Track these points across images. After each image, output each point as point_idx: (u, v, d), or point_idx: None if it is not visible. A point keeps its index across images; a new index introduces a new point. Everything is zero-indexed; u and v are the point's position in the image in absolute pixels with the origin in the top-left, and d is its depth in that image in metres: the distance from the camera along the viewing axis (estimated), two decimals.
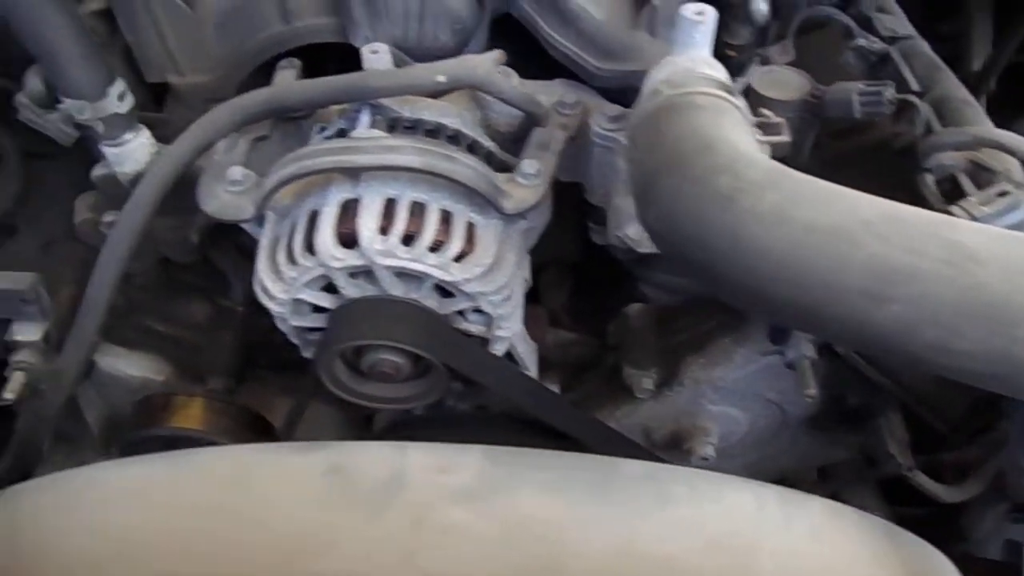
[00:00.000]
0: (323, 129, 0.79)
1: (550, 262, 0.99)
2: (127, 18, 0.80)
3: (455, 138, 0.74)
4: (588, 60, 0.80)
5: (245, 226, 0.74)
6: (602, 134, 0.75)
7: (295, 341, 0.77)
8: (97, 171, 0.80)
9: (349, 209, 0.67)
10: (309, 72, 0.83)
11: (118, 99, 0.73)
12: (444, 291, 0.71)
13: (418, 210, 0.67)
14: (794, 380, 0.82)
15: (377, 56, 0.78)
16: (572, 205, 0.84)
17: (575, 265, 1.00)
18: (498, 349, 0.76)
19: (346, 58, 0.83)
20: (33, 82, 0.75)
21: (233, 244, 0.93)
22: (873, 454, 0.88)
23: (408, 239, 0.66)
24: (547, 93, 0.79)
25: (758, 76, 0.78)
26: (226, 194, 0.72)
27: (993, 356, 0.45)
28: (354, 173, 0.68)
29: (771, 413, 0.89)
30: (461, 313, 0.72)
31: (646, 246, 0.77)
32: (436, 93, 0.75)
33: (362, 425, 0.95)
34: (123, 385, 0.87)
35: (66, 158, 0.88)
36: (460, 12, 0.85)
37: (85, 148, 0.83)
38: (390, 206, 0.67)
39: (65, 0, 0.66)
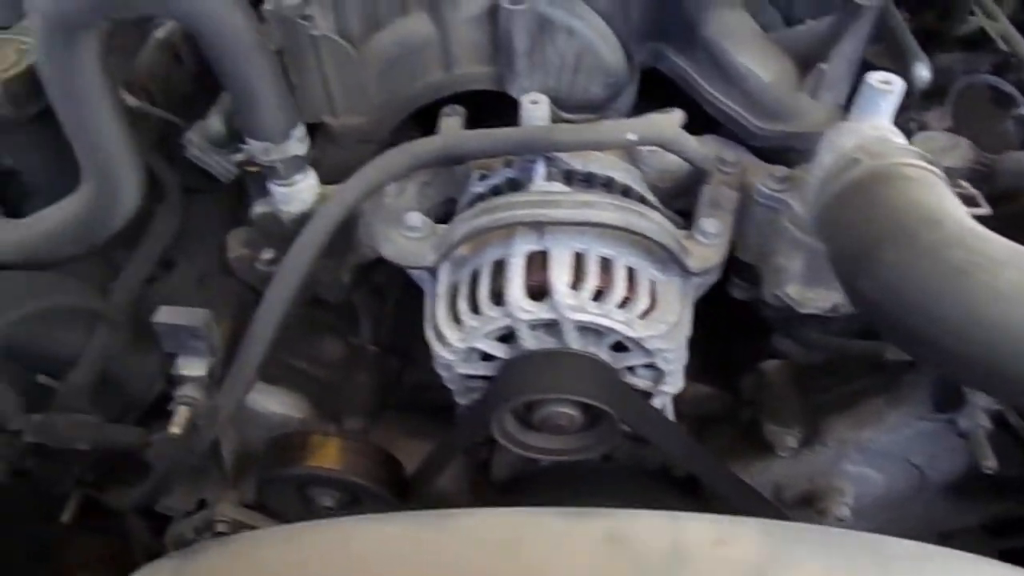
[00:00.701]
0: (484, 177, 0.80)
1: None
2: (296, 60, 0.81)
3: (626, 192, 0.75)
4: (749, 119, 0.81)
5: (413, 272, 0.75)
6: (767, 194, 0.76)
7: (453, 388, 0.77)
8: (258, 209, 0.81)
9: (534, 261, 0.68)
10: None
11: (299, 142, 0.74)
12: (618, 345, 0.71)
13: (606, 265, 0.68)
14: (943, 446, 0.81)
15: (537, 106, 0.79)
16: None
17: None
18: (658, 403, 0.76)
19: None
20: (214, 123, 0.76)
21: (368, 284, 0.94)
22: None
23: (597, 295, 0.66)
24: (699, 148, 0.80)
25: (921, 142, 0.78)
26: (403, 239, 0.72)
27: None
28: (541, 226, 0.68)
29: (911, 476, 0.88)
30: (631, 368, 0.72)
31: (808, 307, 0.77)
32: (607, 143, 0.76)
33: (480, 470, 0.95)
34: (263, 422, 0.87)
35: (216, 193, 0.90)
36: (614, 67, 0.86)
37: (237, 184, 0.84)
38: (578, 260, 0.67)
39: (268, 47, 0.68)
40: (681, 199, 0.81)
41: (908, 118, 0.84)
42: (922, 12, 0.95)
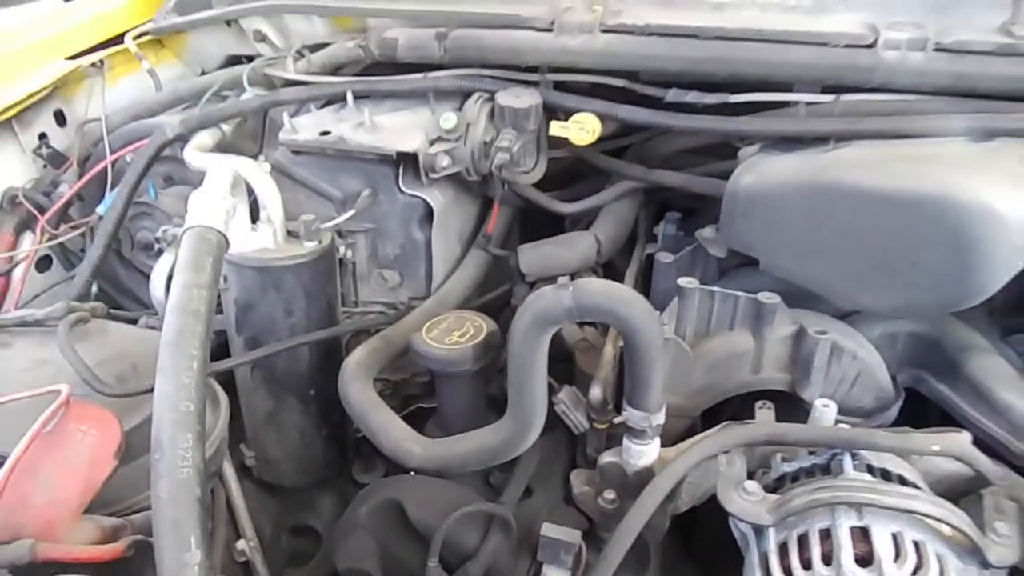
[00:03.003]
0: (786, 460, 1.02)
1: None
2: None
3: (919, 489, 0.94)
4: (1014, 443, 1.00)
5: (736, 523, 0.95)
6: None
7: None
8: (607, 458, 1.06)
9: (855, 534, 0.87)
10: None
11: (663, 415, 1.00)
12: None
13: (919, 548, 0.85)
14: None
15: (827, 409, 1.03)
16: None
17: None
18: None
19: None
20: (595, 394, 1.05)
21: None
22: None
23: (915, 572, 0.83)
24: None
25: None
26: (743, 501, 0.94)
27: None
28: (860, 507, 0.88)
29: None
30: None
31: None
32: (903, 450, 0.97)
33: None
34: None
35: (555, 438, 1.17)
36: (885, 386, 1.11)
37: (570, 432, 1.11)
38: (898, 541, 0.85)
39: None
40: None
41: None
42: None
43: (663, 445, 1.05)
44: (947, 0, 1.05)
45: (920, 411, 1.13)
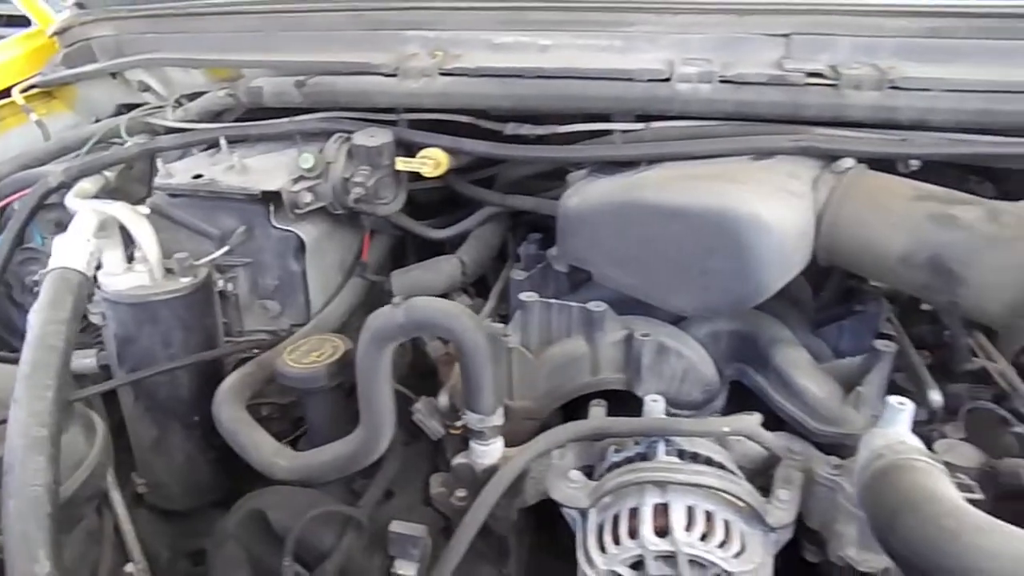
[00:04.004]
0: (618, 450, 1.14)
1: None
2: (496, 360, 1.22)
3: (722, 467, 1.06)
4: (809, 422, 1.14)
5: (566, 509, 1.06)
6: (826, 478, 1.05)
7: None
8: (459, 460, 1.16)
9: (658, 510, 0.98)
10: None
11: (500, 416, 1.11)
12: None
13: (709, 517, 0.97)
14: None
15: (657, 404, 1.15)
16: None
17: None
18: None
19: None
20: (442, 399, 1.16)
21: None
22: None
23: (703, 537, 0.95)
24: (776, 442, 1.12)
25: (943, 448, 1.08)
26: (568, 489, 1.05)
27: None
28: (664, 485, 1.00)
29: None
30: None
31: (865, 566, 1.01)
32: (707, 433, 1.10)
33: None
34: None
35: (419, 446, 1.27)
36: (711, 379, 1.24)
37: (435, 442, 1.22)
38: (691, 513, 0.97)
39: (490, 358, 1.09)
40: (759, 478, 1.12)
41: (932, 428, 1.14)
42: (941, 350, 1.30)
43: (517, 445, 1.16)
44: (734, 39, 1.20)
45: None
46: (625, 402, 1.21)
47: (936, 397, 1.13)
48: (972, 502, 0.90)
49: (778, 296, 1.22)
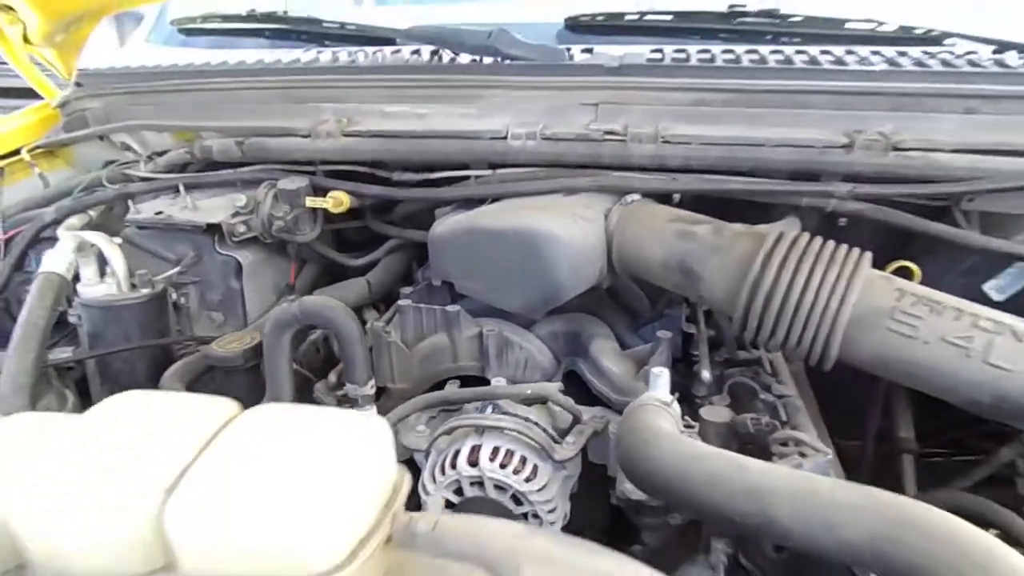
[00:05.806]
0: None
1: (585, 527, 1.55)
2: (378, 351, 1.57)
3: (528, 420, 1.40)
4: (611, 395, 1.48)
5: (418, 454, 1.40)
6: (613, 431, 1.40)
7: None
8: None
9: (474, 450, 1.32)
10: None
11: (371, 388, 1.46)
12: (515, 498, 1.30)
13: (510, 453, 1.31)
14: None
15: (499, 382, 1.50)
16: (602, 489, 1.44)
17: (603, 529, 1.56)
18: None
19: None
20: (332, 378, 1.51)
21: None
22: None
23: (503, 467, 1.29)
24: (588, 411, 1.47)
25: (706, 410, 1.42)
26: (413, 436, 1.39)
27: None
28: (480, 431, 1.34)
29: None
30: (525, 515, 1.30)
31: (635, 495, 1.34)
32: (528, 400, 1.44)
33: None
34: None
35: None
36: (546, 366, 1.59)
37: None
38: (496, 450, 1.31)
39: (366, 343, 1.44)
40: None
41: (706, 398, 1.49)
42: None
43: None
44: (557, 107, 1.61)
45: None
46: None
47: (706, 374, 1.48)
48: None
49: (609, 305, 1.59)
